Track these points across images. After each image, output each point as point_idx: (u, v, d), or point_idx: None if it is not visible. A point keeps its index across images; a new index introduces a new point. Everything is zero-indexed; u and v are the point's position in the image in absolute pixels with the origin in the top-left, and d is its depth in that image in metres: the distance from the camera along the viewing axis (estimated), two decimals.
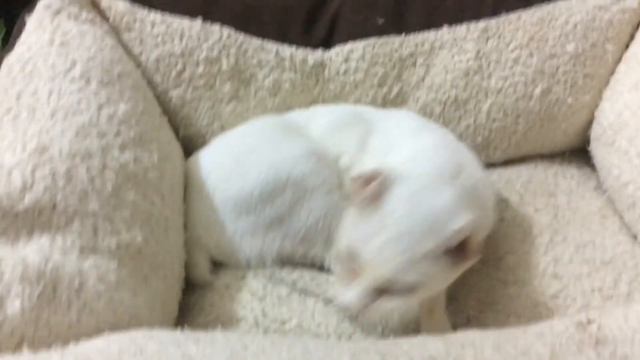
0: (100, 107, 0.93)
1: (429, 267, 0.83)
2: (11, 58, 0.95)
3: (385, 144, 1.05)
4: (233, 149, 1.11)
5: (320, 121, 1.14)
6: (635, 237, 1.10)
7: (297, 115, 1.19)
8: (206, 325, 0.98)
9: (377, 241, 0.83)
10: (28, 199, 0.78)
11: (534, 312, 0.98)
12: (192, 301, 1.03)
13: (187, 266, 1.04)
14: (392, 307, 0.87)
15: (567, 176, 1.27)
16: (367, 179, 0.85)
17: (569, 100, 1.23)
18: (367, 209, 0.85)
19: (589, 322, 0.77)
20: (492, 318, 0.98)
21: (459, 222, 0.82)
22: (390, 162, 0.99)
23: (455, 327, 0.97)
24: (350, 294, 0.86)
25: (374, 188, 0.84)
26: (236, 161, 1.06)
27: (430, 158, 0.99)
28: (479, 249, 0.83)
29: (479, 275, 1.06)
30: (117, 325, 0.79)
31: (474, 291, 1.03)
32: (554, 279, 1.03)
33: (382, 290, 0.85)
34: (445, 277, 0.87)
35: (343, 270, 0.89)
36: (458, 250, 0.83)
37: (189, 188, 1.09)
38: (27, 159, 0.80)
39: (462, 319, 0.99)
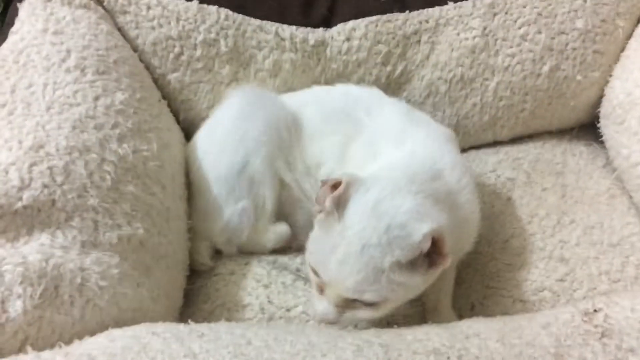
0: (96, 98, 0.91)
1: (396, 280, 0.79)
2: (4, 49, 0.93)
3: (366, 153, 0.99)
4: (217, 130, 1.10)
5: (306, 115, 1.10)
6: None
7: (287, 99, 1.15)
8: (212, 312, 0.99)
9: (335, 259, 0.79)
10: (26, 197, 0.77)
11: (540, 296, 0.98)
12: (197, 288, 1.04)
13: (189, 253, 1.04)
14: (362, 318, 0.84)
15: (576, 154, 1.25)
16: (333, 186, 0.81)
17: (578, 77, 1.19)
18: (329, 220, 0.82)
19: (595, 311, 0.76)
20: (497, 303, 0.98)
21: (424, 229, 0.77)
22: (366, 172, 0.94)
23: (459, 313, 0.97)
24: (319, 307, 0.85)
25: (335, 198, 0.80)
26: (219, 142, 1.07)
27: (405, 166, 0.91)
28: (449, 253, 0.79)
29: (484, 259, 1.05)
30: (121, 319, 0.80)
31: (479, 275, 1.03)
32: (561, 263, 1.02)
33: (350, 302, 0.82)
34: (416, 286, 0.82)
35: (313, 282, 0.87)
36: (427, 256, 0.79)
37: (189, 175, 1.10)
38: (23, 156, 0.79)
39: (466, 305, 0.99)
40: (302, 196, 1.07)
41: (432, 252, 0.79)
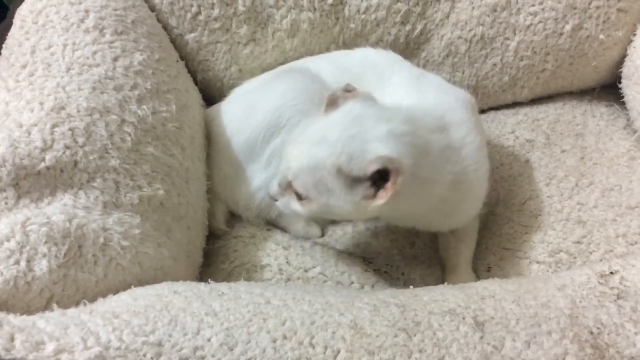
0: (115, 59, 0.92)
1: (328, 183, 0.81)
2: (23, 9, 0.93)
3: None
4: (245, 99, 1.09)
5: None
6: None
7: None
8: (231, 272, 1.01)
9: (298, 140, 0.84)
10: (49, 158, 0.78)
11: (556, 258, 0.98)
12: (216, 248, 1.06)
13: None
14: (291, 208, 0.88)
15: (596, 115, 1.23)
16: (346, 90, 0.85)
17: (601, 36, 1.17)
18: (318, 113, 0.86)
19: (612, 273, 0.77)
20: (513, 265, 0.98)
21: (380, 152, 0.77)
22: None
23: (476, 275, 0.98)
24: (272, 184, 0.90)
25: (335, 92, 0.84)
26: (246, 111, 1.06)
27: (409, 109, 0.91)
28: (394, 189, 0.78)
29: (501, 220, 1.05)
30: (143, 278, 0.82)
31: (496, 237, 1.03)
32: (578, 225, 1.01)
33: (289, 188, 0.86)
34: (343, 206, 0.82)
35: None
36: (374, 186, 0.79)
37: (209, 141, 1.10)
38: (45, 117, 0.80)
39: (483, 267, 1.00)
40: None
41: (379, 185, 0.79)
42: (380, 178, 0.78)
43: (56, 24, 0.92)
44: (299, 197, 0.85)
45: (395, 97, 1.00)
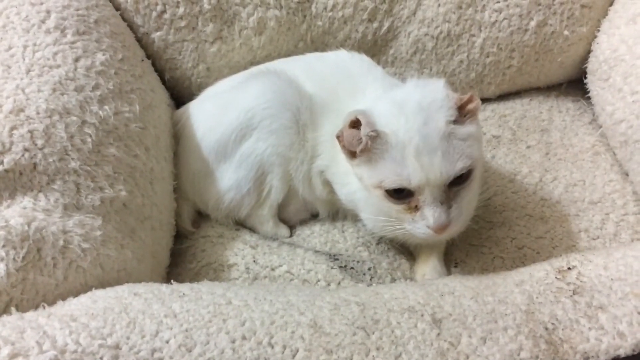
0: (76, 60, 0.91)
1: None
2: None
3: None
4: (219, 99, 1.09)
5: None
6: (626, 174, 1.08)
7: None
8: (198, 272, 1.01)
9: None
10: (7, 161, 0.78)
11: (519, 254, 0.99)
12: (184, 248, 1.06)
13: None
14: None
15: (562, 110, 1.24)
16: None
17: (566, 32, 1.18)
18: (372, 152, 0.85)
19: (569, 268, 0.78)
20: (478, 261, 0.99)
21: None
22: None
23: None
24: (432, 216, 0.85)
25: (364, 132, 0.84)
26: (219, 110, 1.05)
27: None
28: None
29: None
30: (105, 280, 0.81)
31: (462, 233, 1.03)
32: (540, 221, 1.03)
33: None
34: None
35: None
36: None
37: (178, 140, 1.09)
38: (4, 120, 0.79)
39: (449, 263, 1.00)
40: (298, 185, 1.06)
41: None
42: None
43: (17, 25, 0.91)
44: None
45: None
